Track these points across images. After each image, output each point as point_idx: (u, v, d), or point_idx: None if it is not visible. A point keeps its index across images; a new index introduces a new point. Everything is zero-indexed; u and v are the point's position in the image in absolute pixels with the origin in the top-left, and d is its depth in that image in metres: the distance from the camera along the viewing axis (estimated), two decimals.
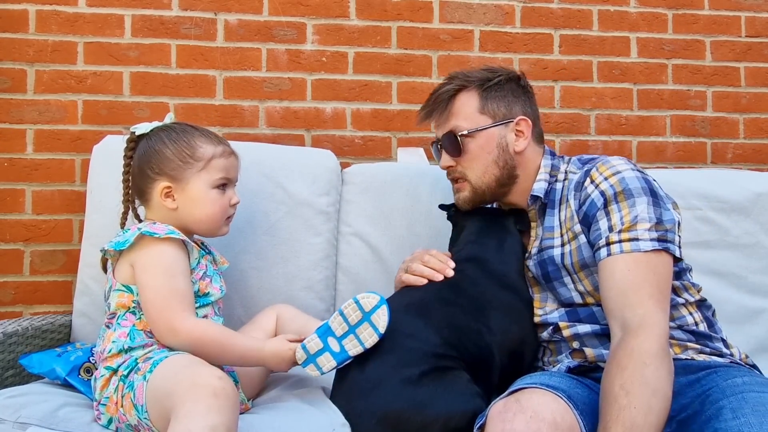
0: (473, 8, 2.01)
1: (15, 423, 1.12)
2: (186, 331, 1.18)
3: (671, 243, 1.19)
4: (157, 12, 1.89)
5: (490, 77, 1.39)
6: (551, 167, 1.38)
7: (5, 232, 1.80)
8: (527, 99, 1.42)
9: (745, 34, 2.10)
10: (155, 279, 1.21)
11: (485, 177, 1.37)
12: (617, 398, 1.00)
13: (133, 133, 1.34)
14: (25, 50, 1.83)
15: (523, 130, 1.38)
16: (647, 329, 1.08)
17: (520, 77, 1.43)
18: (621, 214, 1.21)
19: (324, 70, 1.95)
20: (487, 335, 1.26)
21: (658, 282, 1.15)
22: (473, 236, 1.40)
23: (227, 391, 1.01)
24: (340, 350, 1.19)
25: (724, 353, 1.24)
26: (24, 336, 1.44)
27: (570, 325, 1.29)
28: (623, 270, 1.16)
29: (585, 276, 1.28)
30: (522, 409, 0.98)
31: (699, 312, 1.28)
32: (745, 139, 2.09)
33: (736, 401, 1.03)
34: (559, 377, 1.17)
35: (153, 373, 1.10)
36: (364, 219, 1.71)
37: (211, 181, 1.29)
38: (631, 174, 1.25)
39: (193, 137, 1.30)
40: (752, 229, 1.73)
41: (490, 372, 1.25)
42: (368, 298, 1.18)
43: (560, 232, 1.33)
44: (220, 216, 1.31)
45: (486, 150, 1.36)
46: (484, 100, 1.38)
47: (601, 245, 1.21)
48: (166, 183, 1.28)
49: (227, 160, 1.32)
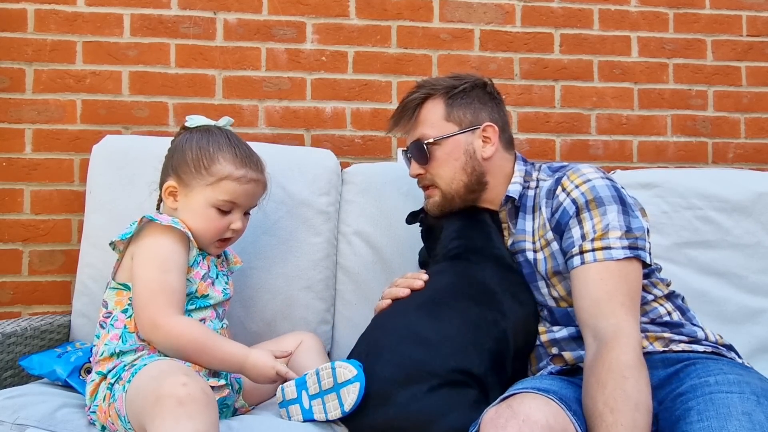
0: (473, 7, 2.00)
1: (13, 424, 1.11)
2: (166, 328, 1.15)
3: (642, 250, 1.21)
4: (156, 11, 1.88)
5: (455, 84, 1.40)
6: (525, 173, 1.40)
7: (4, 232, 1.79)
8: (494, 105, 1.43)
9: (746, 34, 2.09)
10: (148, 271, 1.19)
11: (453, 183, 1.39)
12: (603, 416, 1.01)
13: (184, 123, 1.33)
14: (23, 49, 1.83)
15: (490, 137, 1.39)
16: (622, 340, 1.09)
17: (486, 84, 1.44)
18: (593, 222, 1.23)
19: (324, 69, 1.94)
20: (502, 322, 1.25)
21: (629, 290, 1.18)
22: (455, 233, 1.41)
23: (194, 395, 0.97)
24: (308, 408, 1.15)
25: (699, 337, 1.25)
26: (23, 336, 1.44)
27: (547, 330, 1.32)
28: (596, 279, 1.18)
29: (558, 281, 1.31)
30: (514, 414, 0.98)
31: (669, 302, 1.31)
32: (746, 139, 2.08)
33: (703, 402, 1.04)
34: (550, 380, 1.18)
35: (130, 383, 1.09)
36: (364, 219, 1.70)
37: (214, 200, 1.25)
38: (601, 182, 1.27)
39: (221, 151, 1.26)
40: (753, 229, 1.73)
41: (505, 362, 1.24)
42: (345, 368, 1.12)
43: (533, 239, 1.35)
44: (211, 235, 1.27)
45: (453, 157, 1.38)
46: (449, 108, 1.39)
47: (574, 253, 1.23)
48: (173, 183, 1.27)
49: (242, 186, 1.27)
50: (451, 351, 1.18)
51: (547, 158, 1.97)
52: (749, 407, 1.00)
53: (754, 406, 1.01)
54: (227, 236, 1.29)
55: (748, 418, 0.98)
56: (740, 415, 0.98)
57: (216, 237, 1.28)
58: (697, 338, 1.26)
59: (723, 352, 1.24)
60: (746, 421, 0.97)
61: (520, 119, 2.00)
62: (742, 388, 1.05)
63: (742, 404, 1.01)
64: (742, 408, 1.00)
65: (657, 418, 1.11)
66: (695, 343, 1.25)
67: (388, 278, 1.66)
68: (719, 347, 1.25)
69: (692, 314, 1.33)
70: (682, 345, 1.24)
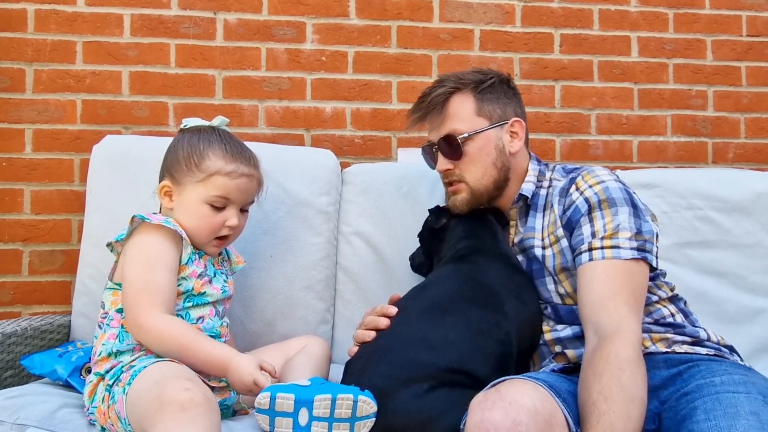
0: (473, 7, 2.00)
1: (13, 424, 1.12)
2: (148, 327, 1.15)
3: (649, 253, 1.23)
4: (157, 11, 1.88)
5: (483, 79, 1.40)
6: (539, 172, 1.41)
7: (4, 232, 1.79)
8: (518, 101, 1.44)
9: (746, 34, 2.09)
10: (133, 271, 1.19)
11: (484, 179, 1.38)
12: (596, 404, 1.01)
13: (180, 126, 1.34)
14: (23, 49, 1.83)
15: (517, 131, 1.40)
16: (622, 336, 1.10)
17: (509, 79, 1.45)
18: (604, 222, 1.24)
19: (324, 69, 1.94)
20: (505, 323, 1.25)
21: (634, 290, 1.18)
22: (463, 233, 1.41)
23: (196, 400, 0.98)
24: (305, 426, 1.08)
25: (702, 338, 1.26)
26: (23, 336, 1.44)
27: (552, 329, 1.32)
28: (602, 276, 1.19)
29: (565, 278, 1.31)
30: (501, 398, 0.98)
31: (672, 305, 1.32)
32: (746, 139, 2.08)
33: (710, 402, 1.04)
34: (544, 374, 1.20)
35: (131, 386, 1.09)
36: (364, 219, 1.70)
37: (206, 197, 1.25)
38: (614, 185, 1.29)
39: (211, 148, 1.26)
40: (753, 229, 1.73)
41: (509, 363, 1.24)
42: (367, 403, 1.09)
43: (542, 236, 1.36)
44: (207, 233, 1.26)
45: (485, 152, 1.37)
46: (480, 102, 1.39)
47: (583, 250, 1.24)
48: (167, 182, 1.28)
49: (233, 181, 1.26)
50: (455, 355, 1.18)
51: (547, 158, 1.97)
52: (757, 407, 1.00)
53: (762, 405, 1.01)
54: (224, 234, 1.28)
55: (756, 417, 0.98)
56: (748, 415, 0.99)
57: (212, 234, 1.27)
58: (699, 339, 1.26)
59: (725, 354, 1.25)
60: (755, 420, 0.97)
61: None
62: (749, 388, 1.05)
63: (749, 404, 1.01)
64: (749, 407, 1.00)
65: (660, 417, 1.11)
66: (698, 344, 1.25)
67: (388, 278, 1.67)
68: (722, 349, 1.25)
69: (695, 318, 1.33)
70: (685, 347, 1.24)
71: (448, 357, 1.18)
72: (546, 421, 0.97)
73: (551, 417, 0.99)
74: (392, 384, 1.14)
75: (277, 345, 1.39)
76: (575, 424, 1.04)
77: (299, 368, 1.25)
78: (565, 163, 1.44)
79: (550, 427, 0.97)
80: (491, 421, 0.95)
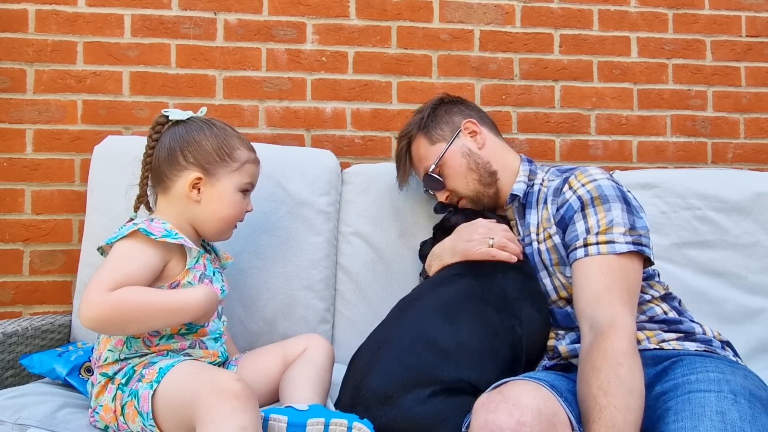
0: (473, 8, 2.00)
1: (14, 424, 1.12)
2: (101, 301, 1.05)
3: (646, 247, 1.26)
4: (157, 12, 1.88)
5: (421, 117, 1.56)
6: (529, 172, 1.49)
7: (4, 232, 1.80)
8: (460, 108, 1.56)
9: (745, 34, 2.10)
10: (107, 259, 1.15)
11: (470, 184, 1.50)
12: (597, 399, 1.03)
13: (165, 116, 1.30)
14: (24, 50, 1.83)
15: (474, 129, 1.52)
16: (618, 330, 1.12)
17: (443, 99, 1.58)
18: (597, 218, 1.27)
19: (324, 69, 1.94)
20: (519, 329, 1.26)
21: (629, 286, 1.21)
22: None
23: (247, 393, 1.01)
24: None
25: (696, 332, 1.28)
26: (23, 336, 1.44)
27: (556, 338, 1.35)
28: (597, 272, 1.22)
29: (560, 271, 1.35)
30: (504, 399, 0.99)
31: (665, 303, 1.34)
32: (746, 139, 2.09)
33: (681, 402, 1.06)
34: (543, 373, 1.22)
35: (163, 381, 1.08)
36: (364, 219, 1.71)
37: (241, 184, 1.30)
38: (606, 183, 1.32)
39: (232, 138, 1.31)
40: (752, 229, 1.73)
41: (517, 369, 1.25)
42: (362, 430, 1.07)
43: (536, 231, 1.40)
44: (235, 220, 1.32)
45: (457, 164, 1.50)
46: (428, 135, 1.54)
47: (578, 246, 1.27)
48: (197, 174, 1.26)
49: (256, 168, 1.34)
50: (465, 361, 1.18)
51: (547, 158, 1.98)
52: (725, 406, 1.01)
53: (730, 404, 1.01)
54: (242, 219, 1.34)
55: (722, 417, 0.99)
56: (714, 415, 1.00)
57: (238, 219, 1.33)
58: (693, 333, 1.28)
59: (716, 349, 1.25)
60: (719, 420, 0.98)
61: (519, 119, 2.00)
62: (721, 387, 1.06)
63: (717, 403, 1.02)
64: (717, 407, 1.01)
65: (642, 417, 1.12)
66: (688, 339, 1.26)
67: (388, 278, 1.67)
68: (713, 343, 1.26)
69: (689, 315, 1.35)
70: (673, 342, 1.26)
71: (457, 363, 1.17)
72: (549, 421, 0.98)
73: (554, 416, 1.00)
74: (394, 386, 1.14)
75: (277, 345, 1.38)
76: (577, 422, 1.05)
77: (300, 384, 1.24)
78: (565, 163, 1.45)
79: (553, 427, 0.98)
80: (496, 422, 0.96)
